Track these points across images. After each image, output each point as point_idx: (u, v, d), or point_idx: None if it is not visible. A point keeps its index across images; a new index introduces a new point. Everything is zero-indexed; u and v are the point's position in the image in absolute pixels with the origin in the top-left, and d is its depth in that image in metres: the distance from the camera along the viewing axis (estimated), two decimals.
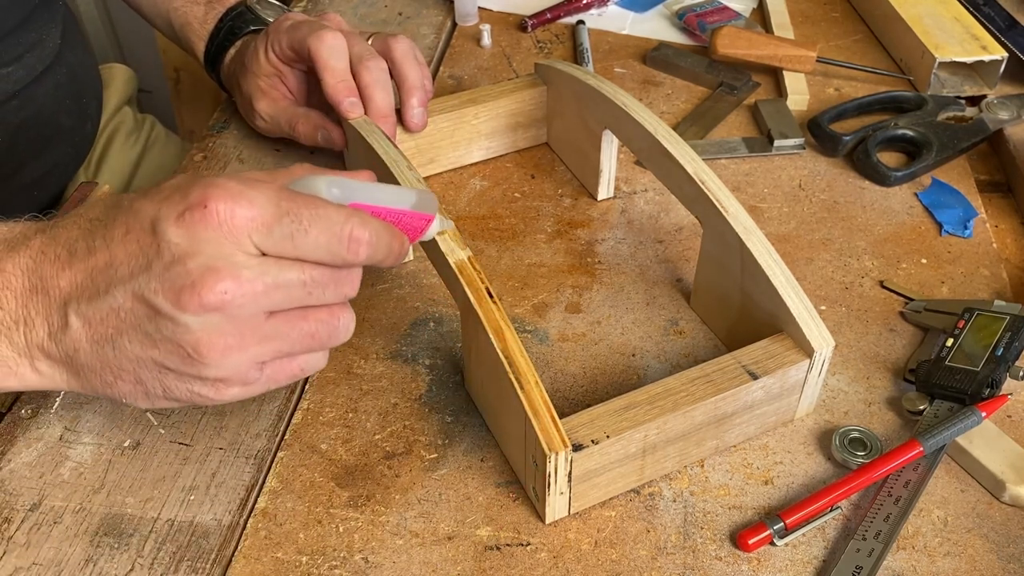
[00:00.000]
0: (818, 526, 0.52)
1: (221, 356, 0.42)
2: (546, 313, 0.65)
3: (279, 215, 0.41)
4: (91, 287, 0.42)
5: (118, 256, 0.42)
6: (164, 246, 0.41)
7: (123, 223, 0.42)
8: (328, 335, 0.45)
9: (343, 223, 0.43)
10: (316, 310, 0.45)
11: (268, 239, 0.41)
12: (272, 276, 0.42)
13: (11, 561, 0.51)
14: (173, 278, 0.41)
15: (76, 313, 0.43)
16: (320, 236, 0.42)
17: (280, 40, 0.70)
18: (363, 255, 0.44)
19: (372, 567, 0.51)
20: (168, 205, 0.41)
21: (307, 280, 0.43)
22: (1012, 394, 0.58)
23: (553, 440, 0.48)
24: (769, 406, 0.55)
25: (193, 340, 0.42)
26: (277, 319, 0.44)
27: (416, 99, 0.70)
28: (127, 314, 0.42)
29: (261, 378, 0.45)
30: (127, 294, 0.42)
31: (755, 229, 0.57)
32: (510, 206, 0.74)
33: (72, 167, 0.85)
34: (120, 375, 0.44)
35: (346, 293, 0.45)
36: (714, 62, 0.88)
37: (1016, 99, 0.81)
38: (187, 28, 0.80)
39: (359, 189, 0.46)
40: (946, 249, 0.70)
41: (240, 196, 0.41)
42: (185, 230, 0.41)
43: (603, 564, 0.51)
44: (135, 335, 0.42)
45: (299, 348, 0.45)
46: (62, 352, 0.44)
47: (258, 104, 0.73)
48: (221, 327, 0.42)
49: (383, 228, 0.45)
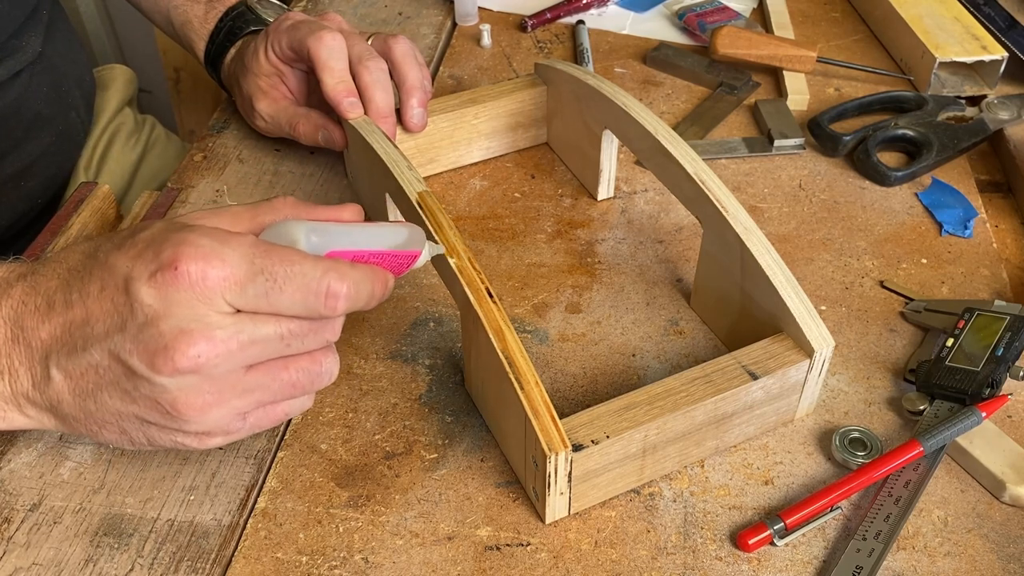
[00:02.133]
0: (818, 526, 0.52)
1: (200, 413, 0.42)
2: (546, 313, 0.65)
3: (252, 273, 0.41)
4: (70, 342, 0.42)
5: (94, 313, 0.42)
6: (137, 307, 0.41)
7: (98, 278, 0.42)
8: (310, 382, 0.45)
9: (319, 278, 0.42)
10: (297, 358, 0.44)
11: (241, 298, 0.41)
12: (247, 333, 0.41)
13: (11, 561, 0.51)
14: (146, 340, 0.40)
15: (57, 366, 0.43)
16: (295, 293, 0.41)
17: (280, 40, 0.70)
18: (341, 309, 0.43)
19: (372, 567, 0.51)
20: (141, 263, 0.41)
21: (284, 333, 0.42)
22: (1012, 394, 0.58)
23: (553, 440, 0.48)
24: (769, 406, 0.55)
25: (171, 399, 0.42)
26: (257, 371, 0.43)
27: (416, 99, 0.70)
28: (105, 371, 0.42)
29: (244, 427, 0.45)
30: (103, 352, 0.42)
31: (755, 229, 0.57)
32: (510, 206, 0.74)
33: (62, 158, 0.85)
34: (104, 426, 0.44)
35: (327, 339, 0.45)
36: (714, 62, 0.88)
37: (1016, 99, 0.81)
38: (187, 27, 0.80)
39: (339, 235, 0.45)
40: (946, 249, 0.70)
41: (212, 255, 0.40)
42: (157, 291, 0.40)
43: (603, 564, 0.51)
44: (114, 391, 0.43)
45: (281, 397, 0.45)
46: (46, 401, 0.44)
47: (258, 104, 0.73)
48: (199, 386, 0.42)
49: (363, 277, 0.44)
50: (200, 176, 0.76)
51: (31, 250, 0.67)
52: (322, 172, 0.77)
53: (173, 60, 1.36)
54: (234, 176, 0.76)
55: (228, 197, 0.74)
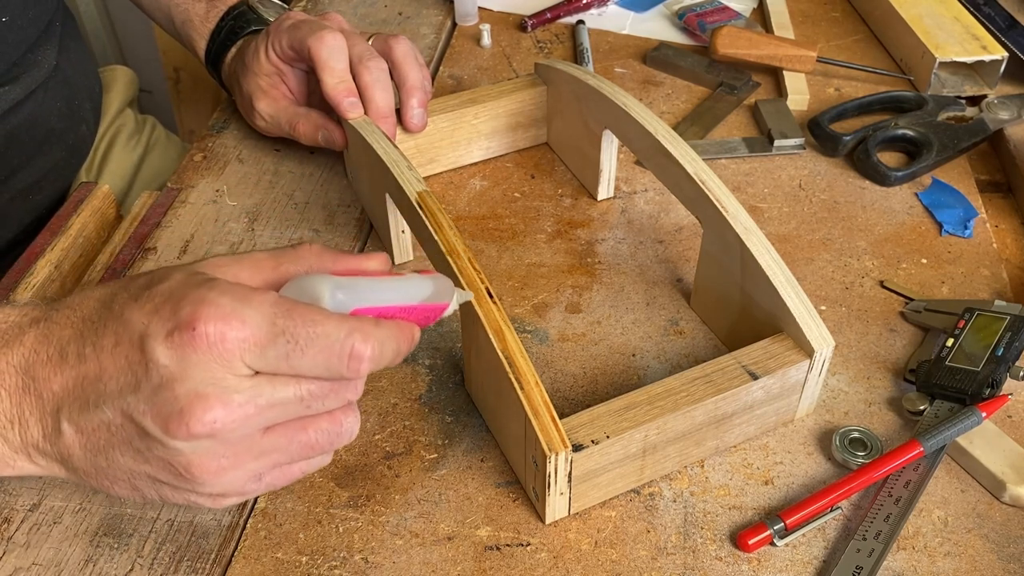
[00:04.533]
0: (818, 526, 0.52)
1: (214, 477, 0.41)
2: (546, 313, 0.65)
3: (273, 335, 0.39)
4: (82, 396, 0.41)
5: (107, 369, 0.40)
6: (152, 367, 0.39)
7: (113, 332, 0.40)
8: (329, 442, 0.43)
9: (343, 340, 0.40)
10: (316, 419, 0.43)
11: (261, 360, 0.39)
12: (266, 397, 0.40)
13: (11, 561, 0.51)
14: (161, 403, 0.39)
15: (68, 420, 0.42)
16: (318, 356, 0.39)
17: (280, 40, 0.70)
18: (364, 370, 0.41)
19: (372, 567, 0.51)
20: (157, 320, 0.39)
21: (304, 395, 0.41)
22: (1012, 394, 0.58)
23: (553, 440, 0.48)
24: (769, 406, 0.55)
25: (185, 462, 0.40)
26: (274, 433, 0.42)
27: (416, 100, 0.70)
28: (117, 429, 0.41)
29: (260, 487, 0.44)
30: (116, 411, 0.40)
31: (755, 229, 0.57)
32: (510, 206, 0.74)
33: (69, 169, 0.85)
34: (115, 482, 0.43)
35: (348, 398, 0.43)
36: (714, 62, 0.88)
37: (1016, 99, 0.81)
38: (188, 25, 0.80)
39: (367, 291, 0.43)
40: (946, 249, 0.70)
41: (232, 316, 0.38)
42: (173, 351, 0.38)
43: (603, 564, 0.51)
44: (126, 450, 0.41)
45: (298, 457, 0.43)
46: (56, 454, 0.43)
47: (258, 103, 0.73)
48: (214, 450, 0.40)
49: (388, 335, 0.41)
50: (200, 176, 0.76)
51: (30, 250, 0.67)
52: (322, 172, 0.77)
53: (173, 60, 1.36)
54: (234, 176, 0.76)
55: (228, 197, 0.74)
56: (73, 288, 0.68)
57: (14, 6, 0.72)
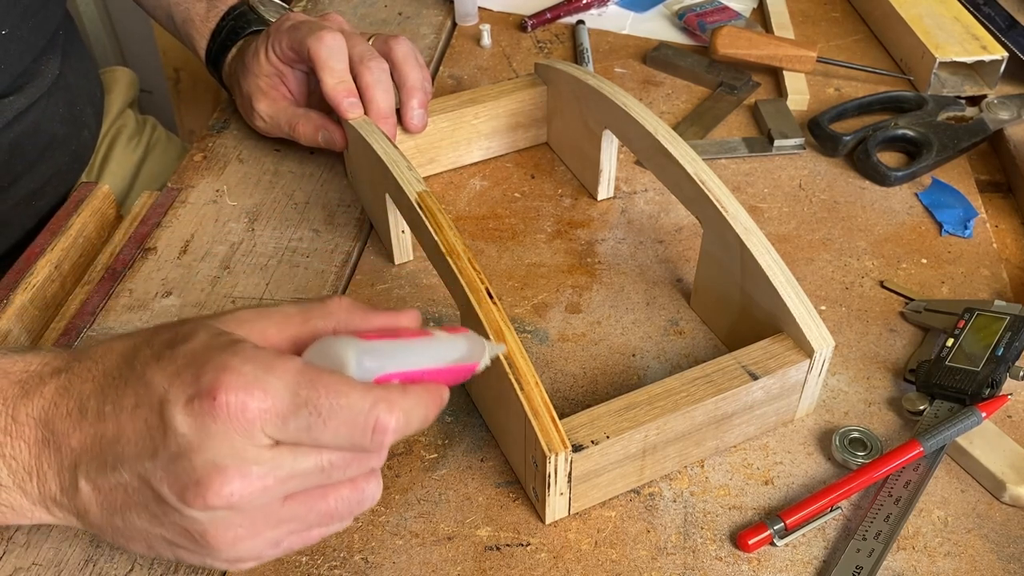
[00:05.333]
0: (818, 526, 0.52)
1: (231, 546, 0.40)
2: (546, 313, 0.65)
3: (296, 406, 0.38)
4: (100, 456, 0.41)
5: (126, 431, 0.40)
6: (171, 434, 0.38)
7: (133, 393, 0.40)
8: (349, 510, 0.42)
9: (367, 412, 0.38)
10: (337, 487, 0.41)
11: (283, 431, 0.38)
12: (286, 468, 0.39)
13: (11, 561, 0.51)
14: (178, 472, 0.38)
15: (85, 478, 0.41)
16: (340, 428, 0.38)
17: (280, 40, 0.70)
18: (388, 442, 0.39)
19: (372, 567, 0.51)
20: (178, 385, 0.39)
21: (325, 465, 0.40)
22: (1012, 394, 0.58)
23: (553, 441, 0.48)
24: (769, 406, 0.55)
25: (201, 530, 0.40)
26: (294, 501, 0.41)
27: (416, 100, 0.70)
28: (134, 492, 0.40)
29: (277, 552, 0.43)
30: (133, 475, 0.40)
31: (755, 229, 0.57)
32: (510, 206, 0.74)
33: (72, 173, 0.85)
34: (132, 540, 0.43)
35: (372, 465, 0.42)
36: (714, 62, 0.88)
37: (1016, 99, 0.81)
38: (188, 24, 0.80)
39: (395, 355, 0.41)
40: (946, 249, 0.70)
41: (254, 386, 0.37)
42: (193, 419, 0.38)
43: (603, 564, 0.51)
44: (143, 513, 0.41)
45: (317, 525, 0.42)
46: (74, 508, 0.43)
47: (258, 104, 0.73)
48: (231, 520, 0.40)
49: (415, 403, 0.40)
50: (200, 176, 0.76)
51: (30, 250, 0.67)
52: (322, 172, 0.77)
53: (173, 60, 1.36)
54: (234, 176, 0.76)
55: (228, 197, 0.74)
56: (73, 288, 0.68)
57: (14, 17, 0.72)
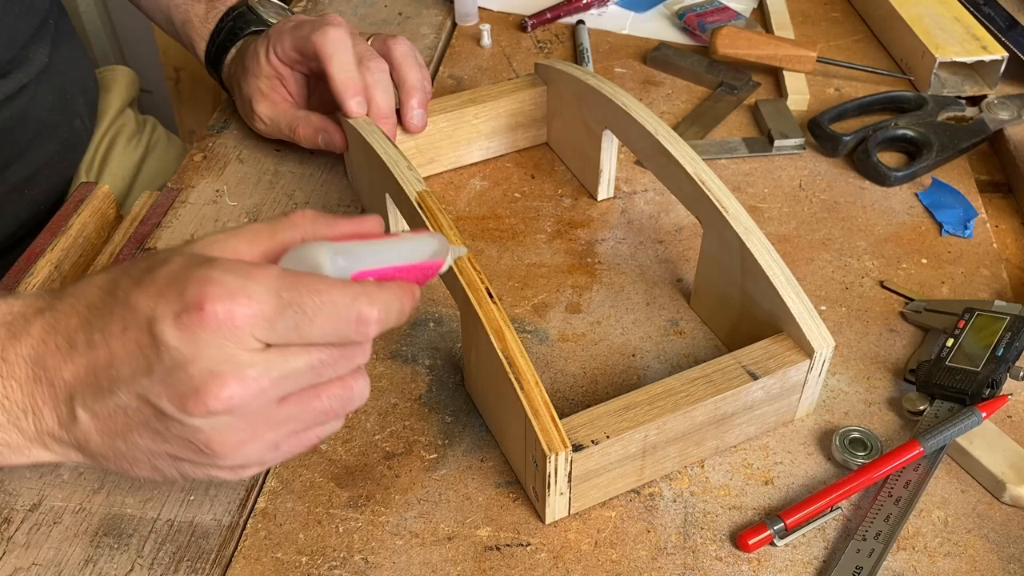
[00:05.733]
0: (818, 526, 0.52)
1: (234, 450, 0.42)
2: (546, 313, 0.65)
3: (281, 308, 0.39)
4: (95, 383, 0.41)
5: (118, 354, 0.41)
6: (163, 350, 0.39)
7: (120, 318, 0.41)
8: (342, 406, 0.44)
9: (349, 305, 0.40)
10: (328, 385, 0.43)
11: (271, 333, 0.40)
12: (279, 369, 0.40)
13: (11, 561, 0.51)
14: (176, 384, 0.39)
15: (83, 407, 0.42)
16: (326, 324, 0.40)
17: (282, 41, 0.70)
18: (372, 333, 0.42)
19: (372, 567, 0.51)
20: (164, 303, 0.39)
21: (315, 364, 0.42)
22: (1012, 394, 0.58)
23: (553, 440, 0.48)
24: (769, 406, 0.55)
25: (204, 439, 0.41)
26: (289, 403, 0.42)
27: (416, 100, 0.70)
28: (134, 413, 0.41)
29: (278, 456, 0.44)
30: (131, 395, 0.41)
31: (755, 229, 0.57)
32: (510, 206, 0.74)
33: (65, 165, 0.85)
34: (135, 463, 0.44)
35: (358, 363, 0.44)
36: (714, 62, 0.88)
37: (1016, 99, 0.81)
38: (188, 26, 0.80)
39: (366, 254, 0.43)
40: (946, 249, 0.70)
41: (238, 293, 0.39)
42: (183, 333, 0.39)
43: (603, 564, 0.51)
44: (144, 431, 0.42)
45: (313, 424, 0.44)
46: (73, 440, 0.43)
47: (258, 106, 0.73)
48: (232, 425, 0.41)
49: (392, 296, 0.42)
50: (200, 176, 0.76)
51: (31, 250, 0.67)
52: (322, 172, 0.77)
53: (173, 60, 1.36)
54: (234, 176, 0.76)
55: (228, 197, 0.74)
56: None
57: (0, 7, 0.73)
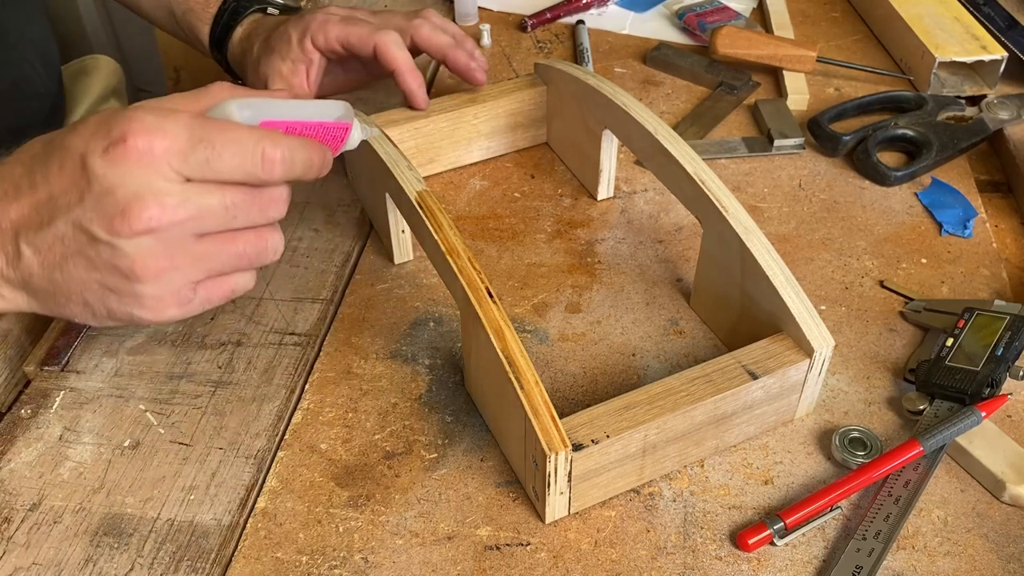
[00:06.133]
0: (818, 526, 0.52)
1: (155, 276, 0.46)
2: (546, 313, 0.65)
3: (193, 142, 0.45)
4: (37, 219, 0.46)
5: (55, 188, 0.45)
6: (93, 179, 0.44)
7: (58, 159, 0.46)
8: (257, 254, 0.49)
9: (254, 143, 0.46)
10: (244, 232, 0.48)
11: (185, 165, 0.45)
12: (194, 201, 0.45)
13: (11, 561, 0.51)
14: (105, 207, 0.44)
15: (26, 243, 0.46)
16: (233, 158, 0.45)
17: (326, 32, 0.71)
18: (278, 172, 0.47)
19: (372, 567, 0.51)
20: (94, 140, 0.45)
21: (228, 204, 0.46)
22: (1012, 394, 0.58)
23: (553, 440, 0.48)
24: (769, 406, 0.55)
25: (128, 263, 0.45)
26: (206, 241, 0.47)
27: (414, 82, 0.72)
28: (70, 241, 0.45)
29: (196, 298, 0.48)
30: (68, 224, 0.45)
31: (755, 229, 0.57)
32: (510, 206, 0.74)
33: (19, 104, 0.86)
34: (70, 297, 0.48)
35: (271, 215, 0.48)
36: (714, 62, 0.88)
37: (1016, 99, 0.81)
38: (190, 14, 0.80)
39: (268, 107, 0.49)
40: (946, 249, 0.70)
41: (156, 129, 0.44)
42: (110, 164, 0.44)
43: (603, 564, 0.51)
44: (79, 260, 0.46)
45: (230, 268, 0.49)
46: (19, 278, 0.48)
47: (273, 86, 0.74)
48: (153, 249, 0.45)
49: (297, 144, 0.47)
50: None
51: None
52: None
53: (173, 60, 1.36)
54: None
55: None
56: None
57: None
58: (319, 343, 0.63)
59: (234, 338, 0.63)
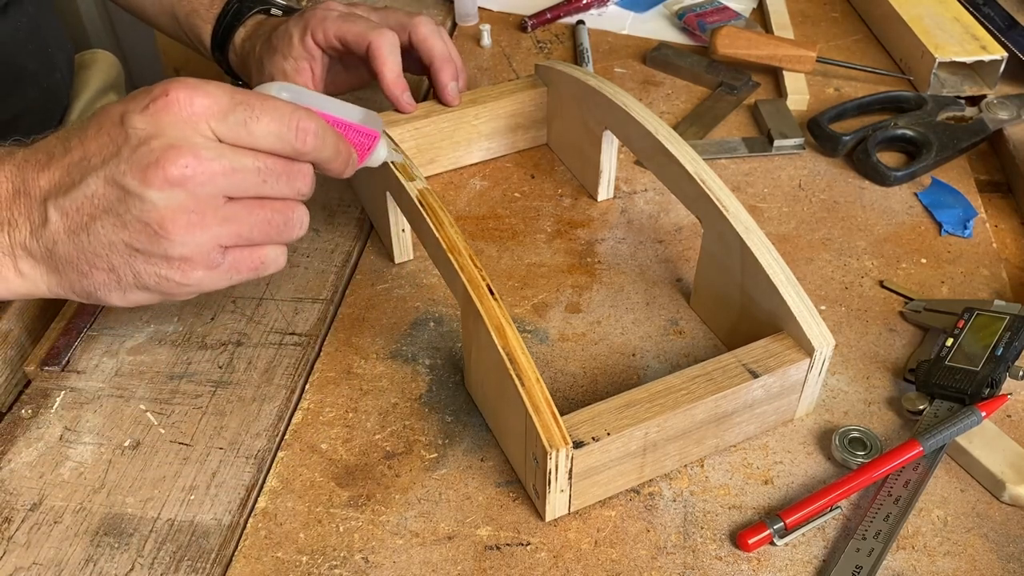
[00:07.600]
0: (818, 526, 0.52)
1: (184, 232, 0.46)
2: (546, 313, 0.65)
3: (233, 104, 0.46)
4: (68, 181, 0.47)
5: (91, 149, 0.46)
6: (131, 132, 0.45)
7: (96, 123, 0.47)
8: (283, 224, 0.49)
9: (291, 113, 0.47)
10: (272, 201, 0.49)
11: (223, 125, 0.46)
12: (228, 159, 0.46)
13: (11, 561, 0.51)
14: (139, 158, 0.45)
15: (54, 207, 0.47)
16: (271, 124, 0.47)
17: (325, 28, 0.71)
18: (310, 144, 0.48)
19: (372, 567, 0.51)
20: (134, 101, 0.46)
21: (261, 167, 0.47)
22: (1012, 394, 0.58)
23: (554, 436, 0.48)
24: (769, 405, 0.55)
25: (159, 217, 0.45)
26: (235, 203, 0.47)
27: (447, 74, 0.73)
28: (100, 199, 0.46)
29: (224, 264, 0.48)
30: (99, 180, 0.46)
31: (755, 228, 0.57)
32: (510, 206, 0.74)
33: (45, 115, 0.87)
34: (95, 263, 0.47)
35: (299, 189, 0.49)
36: (714, 62, 0.88)
37: (1016, 99, 0.81)
38: (193, 15, 0.80)
39: (308, 96, 0.51)
40: (946, 249, 0.70)
41: (199, 87, 0.46)
42: (149, 117, 0.45)
43: (603, 564, 0.51)
44: (107, 218, 0.46)
45: (257, 234, 0.49)
46: (42, 247, 0.48)
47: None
48: (184, 203, 0.45)
49: (329, 129, 0.49)
50: None
51: None
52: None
53: (173, 60, 1.36)
54: None
55: None
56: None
57: None
58: (319, 343, 0.63)
59: (234, 338, 0.63)
